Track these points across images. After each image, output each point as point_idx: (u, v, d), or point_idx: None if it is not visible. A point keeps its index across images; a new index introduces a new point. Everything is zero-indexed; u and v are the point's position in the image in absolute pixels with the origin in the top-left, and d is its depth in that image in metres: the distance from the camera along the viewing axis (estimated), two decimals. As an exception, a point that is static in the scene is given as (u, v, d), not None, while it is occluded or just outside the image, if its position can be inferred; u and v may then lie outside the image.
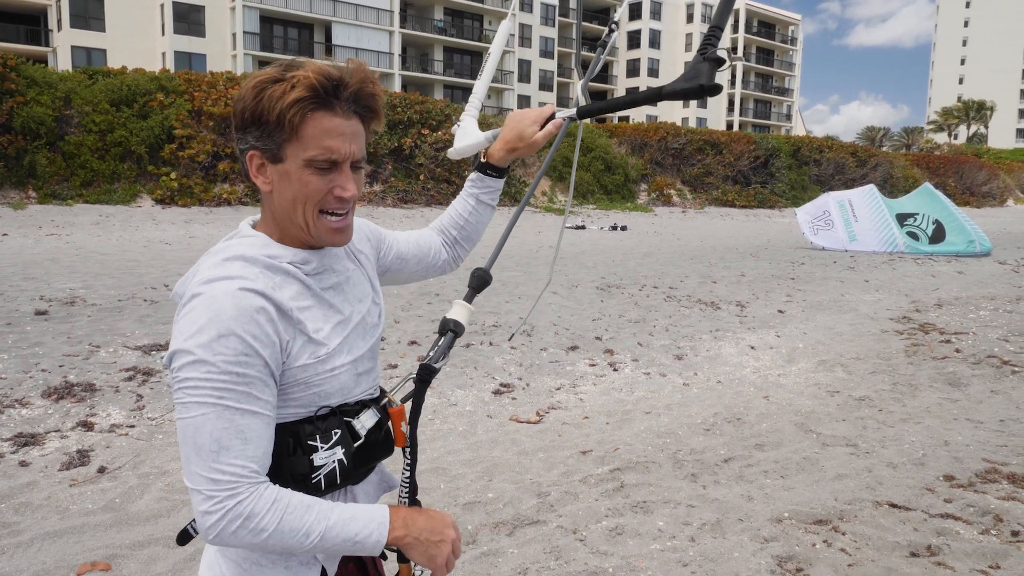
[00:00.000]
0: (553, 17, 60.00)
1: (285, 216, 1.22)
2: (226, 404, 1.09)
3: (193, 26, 40.12)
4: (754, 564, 3.17)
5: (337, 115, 1.18)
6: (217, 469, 1.09)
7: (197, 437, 1.09)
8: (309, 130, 1.16)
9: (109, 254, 12.03)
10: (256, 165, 1.22)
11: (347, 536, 1.17)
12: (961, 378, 6.40)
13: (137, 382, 5.34)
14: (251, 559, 1.23)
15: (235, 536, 1.11)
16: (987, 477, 4.19)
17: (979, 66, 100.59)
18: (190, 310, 1.11)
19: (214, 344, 1.08)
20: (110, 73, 20.74)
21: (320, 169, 1.18)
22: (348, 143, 1.19)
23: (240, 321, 1.10)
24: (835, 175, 39.67)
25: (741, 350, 7.31)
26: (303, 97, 1.14)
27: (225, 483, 1.09)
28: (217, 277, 1.13)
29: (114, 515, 3.48)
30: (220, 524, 1.09)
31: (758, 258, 15.57)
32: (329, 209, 1.21)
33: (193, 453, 1.09)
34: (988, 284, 12.47)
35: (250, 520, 1.10)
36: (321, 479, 1.23)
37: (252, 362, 1.11)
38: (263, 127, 1.17)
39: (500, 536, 3.40)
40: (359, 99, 1.21)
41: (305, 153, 1.17)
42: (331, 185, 1.20)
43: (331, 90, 1.17)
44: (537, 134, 1.55)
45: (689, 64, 1.45)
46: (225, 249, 1.20)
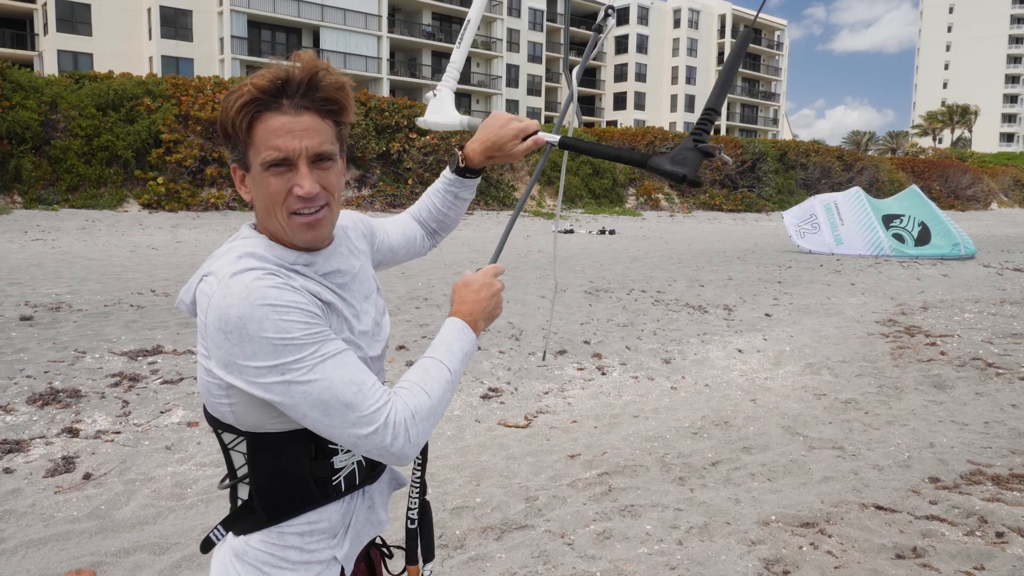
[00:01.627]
0: (541, 22, 60.18)
1: (266, 221, 1.23)
2: (330, 355, 1.13)
3: (180, 30, 39.98)
4: (741, 567, 3.18)
5: (284, 114, 1.16)
6: (368, 404, 1.13)
7: (336, 394, 1.12)
8: (259, 133, 1.17)
9: (95, 259, 11.95)
10: (239, 177, 1.24)
11: (461, 358, 1.29)
12: (946, 380, 6.45)
13: (123, 388, 5.30)
14: (271, 562, 1.23)
15: (421, 434, 1.18)
16: (972, 479, 4.23)
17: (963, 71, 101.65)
18: (227, 310, 1.10)
19: (281, 323, 1.10)
20: (97, 77, 20.62)
21: (276, 170, 1.18)
22: (298, 139, 1.17)
23: (284, 297, 1.12)
24: (821, 179, 39.94)
25: (728, 353, 7.35)
26: (247, 102, 1.15)
27: (383, 408, 1.14)
28: (239, 270, 1.14)
29: (99, 522, 3.45)
30: (406, 438, 1.15)
31: (745, 262, 15.65)
32: (295, 209, 1.20)
33: (342, 409, 1.12)
34: (973, 287, 12.59)
35: (418, 412, 1.18)
36: (341, 481, 1.27)
37: (315, 320, 1.14)
38: (229, 138, 1.21)
39: (488, 541, 3.40)
40: (309, 93, 1.19)
41: (259, 156, 1.17)
42: (289, 185, 1.18)
43: (275, 91, 1.16)
44: (517, 148, 1.56)
45: (680, 145, 1.47)
46: (233, 249, 1.20)
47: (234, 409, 1.19)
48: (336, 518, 1.28)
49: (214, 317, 1.11)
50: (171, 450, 4.34)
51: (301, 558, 1.24)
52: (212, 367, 1.15)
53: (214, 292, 1.13)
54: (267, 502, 1.23)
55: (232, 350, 1.10)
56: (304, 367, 1.10)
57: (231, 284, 1.11)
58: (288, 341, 1.09)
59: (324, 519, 1.26)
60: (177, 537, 3.33)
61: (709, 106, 1.48)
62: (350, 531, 1.30)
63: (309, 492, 1.23)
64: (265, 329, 1.08)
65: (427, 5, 49.84)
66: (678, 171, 1.43)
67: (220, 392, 1.18)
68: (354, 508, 1.32)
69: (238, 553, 1.24)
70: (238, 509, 1.27)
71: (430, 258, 12.88)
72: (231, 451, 1.25)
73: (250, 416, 1.19)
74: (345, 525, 1.30)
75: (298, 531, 1.24)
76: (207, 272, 1.18)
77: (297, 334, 1.10)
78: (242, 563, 1.24)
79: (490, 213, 25.72)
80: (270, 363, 1.09)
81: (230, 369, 1.12)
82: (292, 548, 1.24)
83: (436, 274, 11.46)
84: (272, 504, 1.23)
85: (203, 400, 1.24)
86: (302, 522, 1.24)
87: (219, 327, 1.10)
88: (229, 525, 1.28)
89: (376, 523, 1.38)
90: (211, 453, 4.32)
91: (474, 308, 1.37)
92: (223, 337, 1.10)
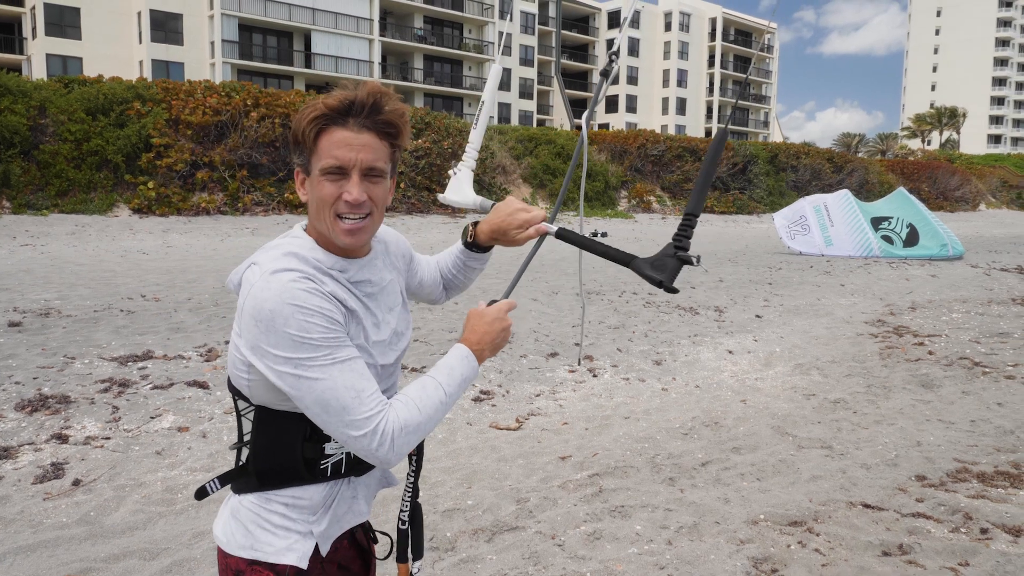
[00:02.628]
0: (533, 25, 60.28)
1: (317, 222, 1.39)
2: (340, 359, 1.28)
3: (171, 34, 39.83)
4: (730, 566, 3.21)
5: (348, 129, 1.34)
6: (363, 411, 1.28)
7: (337, 396, 1.27)
8: (323, 143, 1.34)
9: (85, 264, 11.90)
10: (300, 180, 1.42)
11: (459, 383, 1.43)
12: (934, 380, 6.50)
13: (113, 394, 5.29)
14: (256, 522, 1.40)
15: (406, 444, 1.32)
16: (958, 476, 4.27)
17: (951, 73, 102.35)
18: (262, 302, 1.26)
19: (304, 323, 1.25)
20: (86, 81, 20.54)
21: (331, 176, 1.35)
22: (354, 152, 1.34)
23: (311, 301, 1.27)
24: (812, 181, 40.13)
25: (719, 355, 7.38)
26: (317, 116, 1.33)
27: (375, 416, 1.28)
28: (280, 268, 1.29)
29: (89, 528, 3.45)
30: (391, 447, 1.29)
31: (736, 263, 15.71)
32: (342, 213, 1.36)
33: (339, 410, 1.27)
34: (960, 287, 12.68)
35: (407, 426, 1.31)
36: (328, 467, 1.42)
37: (335, 326, 1.29)
38: (297, 145, 1.38)
39: (479, 543, 3.41)
40: (372, 115, 1.36)
41: (320, 163, 1.35)
42: (340, 191, 1.35)
43: (343, 109, 1.34)
44: (520, 235, 1.69)
45: (662, 251, 1.57)
46: (281, 245, 1.37)
47: (250, 384, 1.36)
48: (318, 499, 1.42)
49: (251, 305, 1.27)
50: (161, 455, 4.34)
51: (282, 523, 1.40)
52: (241, 345, 1.32)
53: (255, 283, 1.29)
54: (259, 468, 1.40)
55: (259, 336, 1.26)
56: (315, 365, 1.26)
57: (271, 280, 1.27)
58: (306, 340, 1.25)
59: (307, 497, 1.41)
60: (167, 542, 3.33)
61: (689, 212, 1.57)
62: (330, 513, 1.44)
63: (296, 469, 1.39)
64: (289, 325, 1.24)
65: (419, 9, 49.84)
66: (656, 277, 1.53)
67: (243, 367, 1.35)
68: (337, 493, 1.45)
69: (233, 511, 1.43)
70: (237, 468, 1.44)
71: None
72: (243, 417, 1.43)
73: (262, 394, 1.36)
74: (326, 507, 1.44)
75: (283, 501, 1.40)
76: (255, 261, 1.35)
77: (315, 335, 1.26)
78: (235, 520, 1.42)
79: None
80: (287, 355, 1.25)
81: (255, 351, 1.28)
82: (276, 514, 1.40)
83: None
84: (263, 471, 1.39)
85: (229, 368, 1.41)
86: (287, 495, 1.40)
87: (253, 314, 1.27)
88: (225, 480, 1.45)
89: (357, 513, 1.50)
90: (201, 458, 4.32)
91: (483, 339, 1.50)
92: (254, 323, 1.27)
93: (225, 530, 1.43)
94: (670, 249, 1.55)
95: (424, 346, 7.01)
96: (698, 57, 73.57)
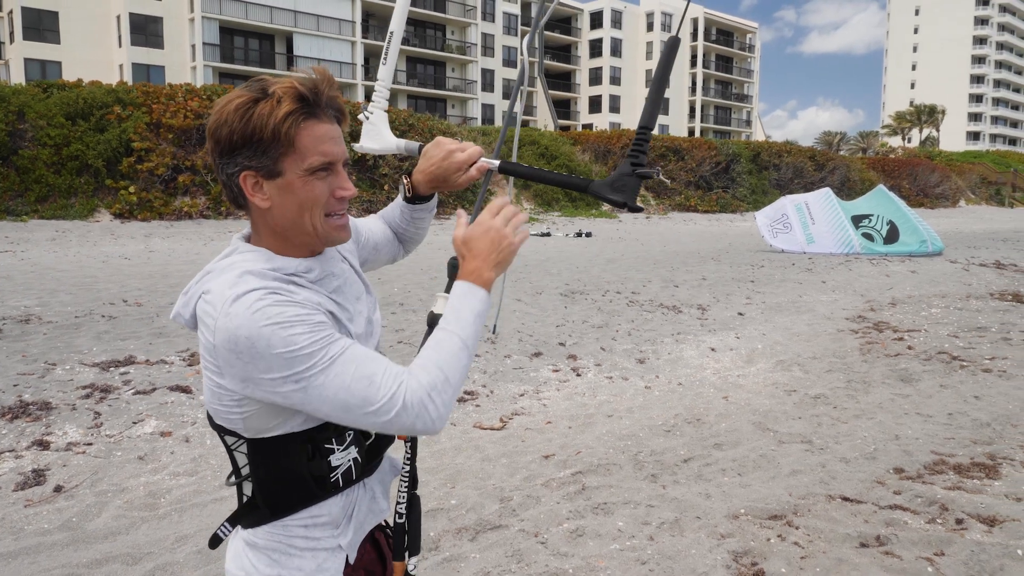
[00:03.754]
0: (515, 26, 60.35)
1: (291, 226, 1.27)
2: (337, 356, 1.17)
3: (151, 38, 39.58)
4: (711, 560, 3.25)
5: (323, 121, 1.25)
6: (382, 395, 1.18)
7: (351, 391, 1.17)
8: (304, 140, 1.22)
9: (66, 270, 11.81)
10: (251, 184, 1.25)
11: (471, 320, 1.30)
12: (912, 374, 6.59)
13: (95, 399, 5.26)
14: (280, 549, 1.30)
15: (443, 406, 1.22)
16: (935, 468, 4.34)
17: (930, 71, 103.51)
18: (235, 332, 1.14)
19: (288, 338, 1.14)
20: (65, 86, 20.38)
21: (321, 174, 1.25)
22: (338, 145, 1.27)
23: (287, 313, 1.16)
24: (794, 179, 40.46)
25: (702, 352, 7.44)
26: (293, 109, 1.20)
27: (397, 394, 1.19)
28: (241, 292, 1.16)
29: (71, 534, 3.44)
30: (427, 416, 1.20)
31: (719, 262, 15.82)
32: (332, 211, 1.28)
33: (360, 403, 1.18)
34: (940, 283, 12.85)
35: (434, 387, 1.22)
36: (339, 478, 1.32)
37: (319, 327, 1.18)
38: (255, 145, 1.21)
39: (462, 542, 3.43)
40: (332, 103, 1.27)
41: (305, 162, 1.23)
42: (332, 188, 1.27)
43: (312, 99, 1.23)
44: (460, 178, 1.57)
45: (619, 170, 1.48)
46: (232, 266, 1.23)
47: (245, 418, 1.24)
48: (337, 511, 1.34)
49: (223, 339, 1.15)
50: (144, 460, 4.33)
51: (307, 545, 1.31)
52: (225, 383, 1.20)
53: (218, 315, 1.16)
54: (268, 499, 1.29)
55: (246, 368, 1.15)
56: (316, 372, 1.16)
57: (235, 307, 1.15)
58: (297, 353, 1.14)
59: (325, 513, 1.32)
60: (150, 547, 3.33)
61: (642, 124, 1.48)
62: (352, 521, 1.37)
63: (308, 489, 1.29)
64: (274, 346, 1.13)
65: (400, 11, 49.73)
66: (617, 198, 1.46)
67: (232, 403, 1.22)
68: (355, 500, 1.38)
69: (249, 543, 1.32)
70: (243, 506, 1.33)
71: (406, 263, 12.88)
72: (234, 452, 1.31)
73: (260, 423, 1.24)
74: (347, 516, 1.36)
75: (302, 523, 1.31)
76: (206, 290, 1.21)
77: (303, 343, 1.15)
78: (254, 551, 1.32)
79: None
80: (284, 374, 1.15)
81: (247, 383, 1.17)
82: (298, 538, 1.31)
83: (412, 279, 11.47)
84: (273, 501, 1.29)
85: (208, 408, 1.29)
86: (304, 516, 1.31)
87: (230, 348, 1.15)
88: (236, 521, 1.35)
89: (378, 511, 1.44)
90: (184, 463, 4.31)
91: (477, 264, 1.35)
92: (235, 357, 1.15)
93: (242, 564, 1.32)
94: (627, 167, 1.47)
95: (409, 347, 7.01)
96: (680, 57, 73.96)
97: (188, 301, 1.26)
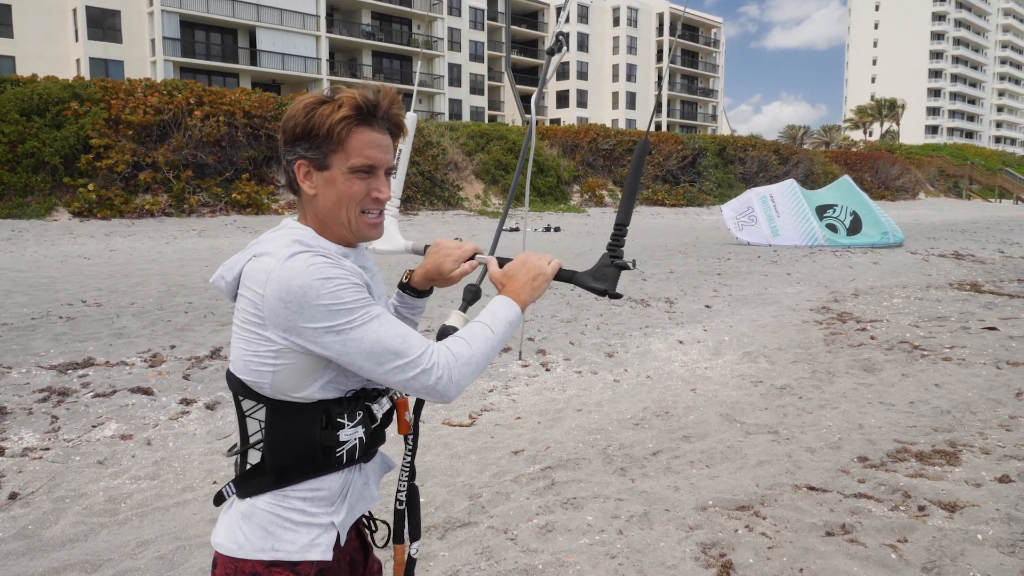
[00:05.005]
0: (482, 21, 60.13)
1: (329, 215, 1.45)
2: (376, 316, 1.35)
3: (109, 32, 38.61)
4: (679, 552, 3.26)
5: (375, 130, 1.44)
6: (414, 351, 1.35)
7: (386, 345, 1.34)
8: (353, 142, 1.41)
9: (22, 271, 11.49)
10: (303, 172, 1.44)
11: (504, 322, 1.50)
12: (875, 364, 6.71)
13: (52, 403, 5.12)
14: (276, 522, 1.40)
15: (463, 377, 1.39)
16: (897, 456, 4.42)
17: (890, 66, 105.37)
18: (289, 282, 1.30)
19: (335, 291, 1.31)
20: (19, 81, 19.80)
21: (362, 175, 1.43)
22: (383, 153, 1.45)
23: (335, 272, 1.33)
24: (759, 172, 40.94)
25: (670, 345, 7.49)
26: (349, 115, 1.40)
27: (426, 353, 1.36)
28: (296, 252, 1.34)
29: (27, 542, 3.34)
30: (448, 379, 1.37)
31: (687, 255, 15.95)
32: (367, 209, 1.46)
33: (392, 356, 1.34)
34: (901, 273, 13.10)
35: (459, 356, 1.40)
36: (344, 454, 1.44)
37: (362, 289, 1.36)
38: (312, 140, 1.41)
39: (431, 540, 3.40)
40: (390, 118, 1.47)
41: (349, 161, 1.41)
42: (369, 188, 1.45)
43: (370, 109, 1.42)
44: (454, 272, 1.72)
45: (599, 262, 1.69)
46: (283, 235, 1.41)
47: (276, 372, 1.36)
48: (335, 487, 1.45)
49: (275, 288, 1.31)
50: (104, 464, 4.22)
51: (303, 519, 1.41)
52: (267, 334, 1.34)
53: (273, 268, 1.32)
54: (277, 464, 1.40)
55: (292, 316, 1.30)
56: (356, 326, 1.32)
57: (291, 261, 1.32)
58: (341, 306, 1.31)
59: (325, 487, 1.43)
60: (110, 553, 3.24)
61: (619, 221, 1.71)
62: (347, 501, 1.47)
63: (315, 459, 1.41)
64: (322, 297, 1.30)
65: (366, 4, 49.29)
66: (600, 287, 1.66)
67: (268, 355, 1.35)
68: (351, 481, 1.48)
69: (245, 515, 1.42)
70: (248, 471, 1.43)
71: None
72: (248, 418, 1.43)
73: (288, 381, 1.37)
74: (343, 495, 1.47)
75: (301, 496, 1.42)
76: (260, 252, 1.37)
77: (348, 300, 1.32)
78: (249, 523, 1.41)
79: (435, 213, 25.62)
80: (327, 324, 1.30)
81: (291, 332, 1.32)
82: (295, 511, 1.41)
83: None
84: (282, 466, 1.40)
85: (235, 368, 1.42)
86: (305, 488, 1.42)
87: (280, 297, 1.30)
88: (239, 485, 1.45)
89: (369, 498, 1.55)
90: (146, 466, 4.21)
91: (517, 288, 1.58)
92: (283, 306, 1.30)
93: (234, 536, 1.41)
94: (607, 259, 1.68)
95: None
96: (647, 51, 74.36)
97: (233, 266, 1.42)
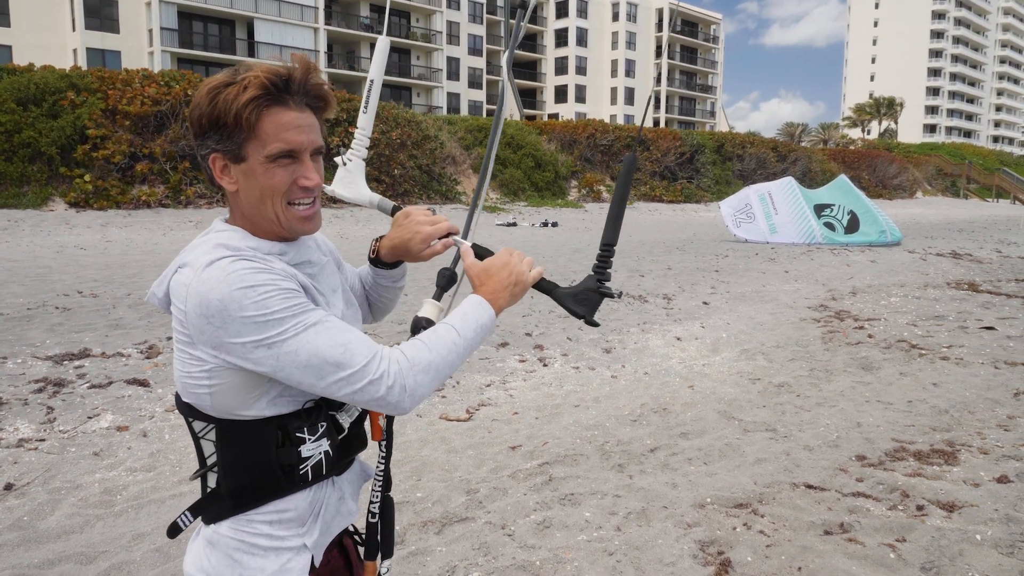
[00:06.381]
0: (481, 15, 59.97)
1: (255, 212, 1.27)
2: (312, 323, 1.18)
3: (106, 21, 38.40)
4: (677, 549, 3.25)
5: (291, 109, 1.24)
6: (357, 361, 1.18)
7: (324, 357, 1.17)
8: (266, 126, 1.22)
9: (18, 261, 11.44)
10: (219, 167, 1.26)
11: (474, 327, 1.32)
12: (873, 362, 6.70)
13: (47, 394, 5.10)
14: (242, 548, 1.27)
15: (419, 385, 1.22)
16: (896, 455, 4.41)
17: (889, 65, 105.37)
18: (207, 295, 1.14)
19: (260, 301, 1.15)
20: (16, 71, 19.71)
21: (282, 162, 1.24)
22: (304, 134, 1.25)
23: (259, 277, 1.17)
24: (757, 169, 40.97)
25: (668, 342, 7.48)
26: (256, 96, 1.21)
27: (373, 361, 1.19)
28: (214, 259, 1.17)
29: (22, 533, 3.32)
30: (401, 389, 1.20)
31: (684, 252, 15.95)
32: (295, 200, 1.27)
33: (333, 368, 1.17)
34: (898, 272, 13.11)
35: (415, 363, 1.22)
36: (308, 470, 1.29)
37: (293, 294, 1.19)
38: (222, 129, 1.22)
39: (428, 535, 3.39)
40: (308, 91, 1.27)
41: (265, 149, 1.23)
42: (294, 176, 1.26)
43: (282, 86, 1.23)
44: (424, 251, 1.53)
45: (584, 283, 1.53)
46: (206, 241, 1.24)
47: (213, 392, 1.21)
48: (304, 507, 1.31)
49: (195, 304, 1.15)
50: (99, 456, 4.20)
51: (271, 544, 1.28)
52: (197, 353, 1.19)
53: (191, 281, 1.17)
54: (234, 488, 1.26)
55: (216, 332, 1.15)
56: (288, 336, 1.16)
57: (208, 271, 1.16)
58: (268, 316, 1.15)
59: (291, 508, 1.29)
60: (105, 545, 3.23)
61: (606, 242, 1.55)
62: (320, 520, 1.33)
63: (275, 479, 1.26)
64: (245, 308, 1.14)
65: (365, -3, 49.10)
66: (578, 310, 1.51)
67: (201, 376, 1.21)
68: (323, 497, 1.34)
69: (210, 541, 1.29)
70: (206, 496, 1.30)
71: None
72: (201, 439, 1.28)
73: (228, 400, 1.22)
74: (314, 514, 1.33)
75: (266, 519, 1.28)
76: (182, 263, 1.21)
77: (276, 308, 1.15)
78: (213, 550, 1.28)
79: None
80: (256, 338, 1.15)
81: (219, 349, 1.17)
82: (261, 535, 1.27)
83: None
84: (238, 490, 1.26)
85: (178, 388, 1.28)
86: (270, 511, 1.28)
87: (201, 312, 1.15)
88: (197, 511, 1.31)
89: (346, 513, 1.41)
90: (142, 458, 4.19)
91: (496, 290, 1.40)
92: (205, 322, 1.15)
93: (201, 565, 1.28)
94: (592, 283, 1.52)
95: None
96: (646, 47, 74.25)
97: (163, 280, 1.27)
